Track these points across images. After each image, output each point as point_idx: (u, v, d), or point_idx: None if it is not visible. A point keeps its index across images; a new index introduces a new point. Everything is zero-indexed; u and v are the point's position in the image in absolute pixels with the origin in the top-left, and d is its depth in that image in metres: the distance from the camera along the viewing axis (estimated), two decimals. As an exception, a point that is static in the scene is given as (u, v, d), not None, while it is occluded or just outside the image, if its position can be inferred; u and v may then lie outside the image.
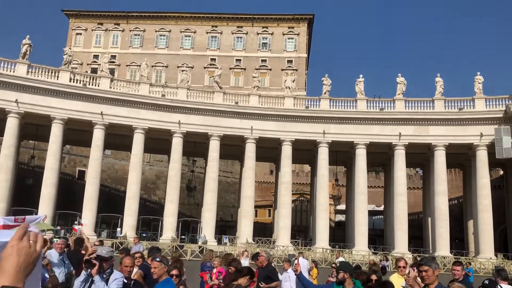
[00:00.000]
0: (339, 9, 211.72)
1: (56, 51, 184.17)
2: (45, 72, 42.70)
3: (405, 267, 9.26)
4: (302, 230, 61.72)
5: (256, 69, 73.76)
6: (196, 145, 47.30)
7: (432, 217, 44.91)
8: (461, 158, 48.13)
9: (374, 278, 8.30)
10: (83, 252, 11.25)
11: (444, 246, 42.19)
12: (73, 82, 42.97)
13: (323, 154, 45.43)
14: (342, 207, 63.34)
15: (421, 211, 53.61)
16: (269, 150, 48.10)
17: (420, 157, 48.60)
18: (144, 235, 44.47)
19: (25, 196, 46.30)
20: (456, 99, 44.92)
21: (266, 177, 74.47)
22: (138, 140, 44.13)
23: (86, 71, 69.67)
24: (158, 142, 47.46)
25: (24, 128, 43.72)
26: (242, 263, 12.45)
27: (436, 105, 44.44)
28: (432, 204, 44.64)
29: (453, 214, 48.79)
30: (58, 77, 42.62)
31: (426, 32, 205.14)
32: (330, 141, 45.17)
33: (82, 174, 61.48)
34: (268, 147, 47.34)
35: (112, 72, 66.61)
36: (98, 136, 43.22)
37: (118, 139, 47.04)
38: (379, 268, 14.31)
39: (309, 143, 46.40)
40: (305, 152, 48.54)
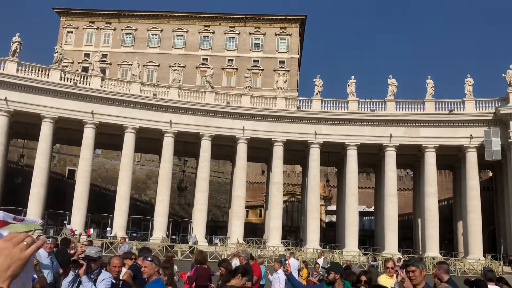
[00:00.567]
0: (332, 11, 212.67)
1: (47, 50, 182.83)
2: (35, 71, 42.29)
3: (394, 268, 9.29)
4: (293, 231, 61.80)
5: (248, 69, 73.65)
6: (188, 145, 47.15)
7: (422, 218, 45.23)
8: (451, 160, 48.55)
9: (364, 279, 8.30)
10: (72, 252, 11.19)
11: (434, 247, 42.51)
12: (64, 81, 42.62)
13: (315, 155, 45.55)
14: (333, 208, 63.54)
15: (411, 212, 53.91)
16: (261, 151, 48.12)
17: (411, 159, 48.96)
18: (134, 235, 44.26)
19: (14, 195, 45.82)
20: (447, 101, 45.27)
21: (258, 178, 74.42)
22: (129, 140, 43.87)
23: (77, 70, 69.06)
24: (149, 142, 47.23)
25: (14, 127, 43.27)
26: (233, 264, 12.42)
27: (427, 107, 44.77)
28: (422, 205, 44.94)
29: (443, 215, 49.16)
30: (49, 76, 42.26)
31: (418, 34, 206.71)
32: (322, 142, 45.29)
33: (72, 174, 60.97)
34: (260, 148, 47.36)
35: (103, 71, 66.30)
36: (89, 135, 42.90)
37: (109, 139, 46.72)
38: (372, 272, 14.29)
39: (301, 144, 46.48)
40: (297, 153, 48.63)
